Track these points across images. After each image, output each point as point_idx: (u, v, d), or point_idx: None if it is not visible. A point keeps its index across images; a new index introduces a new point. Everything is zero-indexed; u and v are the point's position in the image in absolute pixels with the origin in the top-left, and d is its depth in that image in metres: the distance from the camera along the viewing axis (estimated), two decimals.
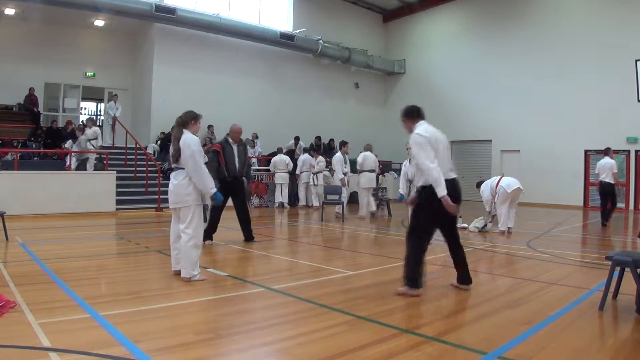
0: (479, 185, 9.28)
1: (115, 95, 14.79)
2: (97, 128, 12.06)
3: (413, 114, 4.50)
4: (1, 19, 13.84)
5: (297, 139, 16.55)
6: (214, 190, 4.65)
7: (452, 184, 4.26)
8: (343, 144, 11.53)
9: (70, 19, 14.24)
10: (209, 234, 6.83)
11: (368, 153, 11.33)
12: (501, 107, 17.84)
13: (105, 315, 3.39)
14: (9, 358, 2.65)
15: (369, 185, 11.15)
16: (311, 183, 14.17)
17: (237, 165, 6.87)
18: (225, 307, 3.90)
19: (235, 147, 6.92)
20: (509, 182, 8.63)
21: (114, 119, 14.41)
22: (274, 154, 15.04)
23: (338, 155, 11.37)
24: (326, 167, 14.45)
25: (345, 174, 11.13)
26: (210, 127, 15.24)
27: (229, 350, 2.89)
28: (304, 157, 14.50)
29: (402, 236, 7.80)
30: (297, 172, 14.31)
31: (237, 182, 6.92)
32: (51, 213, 10.13)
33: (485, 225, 8.82)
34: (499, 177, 8.95)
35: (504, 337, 3.11)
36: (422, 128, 4.33)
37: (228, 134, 7.04)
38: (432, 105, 14.50)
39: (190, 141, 4.59)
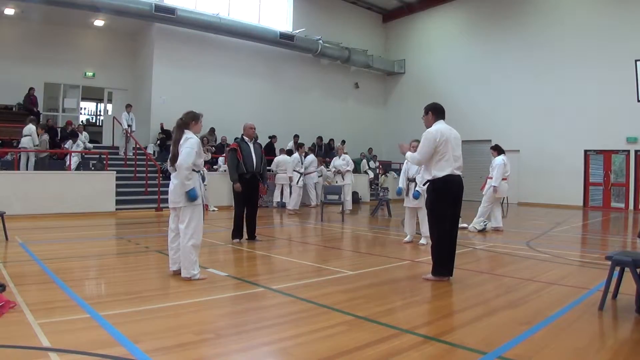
0: (497, 150, 9.10)
1: (130, 105, 14.51)
2: (46, 135, 11.58)
3: (437, 112, 4.85)
4: (1, 19, 13.83)
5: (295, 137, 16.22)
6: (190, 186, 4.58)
7: (455, 181, 4.65)
8: (300, 145, 13.54)
9: (70, 19, 14.23)
10: (237, 232, 7.08)
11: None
12: (501, 107, 17.86)
13: (105, 315, 3.38)
14: (9, 358, 2.65)
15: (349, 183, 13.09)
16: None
17: (254, 161, 6.99)
18: (225, 307, 3.91)
19: (251, 145, 7.08)
20: (502, 189, 8.88)
21: (127, 131, 14.16)
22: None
23: (295, 156, 13.08)
24: (326, 166, 14.50)
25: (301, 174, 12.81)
26: (212, 129, 15.24)
27: (229, 350, 2.89)
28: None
29: (401, 236, 7.83)
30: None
31: (254, 179, 7.05)
32: (51, 213, 10.13)
33: (485, 226, 8.84)
34: (505, 176, 8.93)
35: (504, 337, 3.11)
36: (436, 127, 4.73)
37: (243, 134, 7.19)
38: None
39: (192, 143, 4.60)
